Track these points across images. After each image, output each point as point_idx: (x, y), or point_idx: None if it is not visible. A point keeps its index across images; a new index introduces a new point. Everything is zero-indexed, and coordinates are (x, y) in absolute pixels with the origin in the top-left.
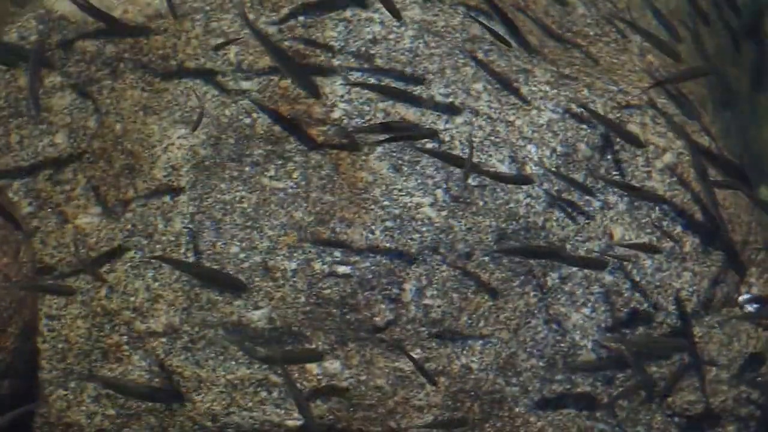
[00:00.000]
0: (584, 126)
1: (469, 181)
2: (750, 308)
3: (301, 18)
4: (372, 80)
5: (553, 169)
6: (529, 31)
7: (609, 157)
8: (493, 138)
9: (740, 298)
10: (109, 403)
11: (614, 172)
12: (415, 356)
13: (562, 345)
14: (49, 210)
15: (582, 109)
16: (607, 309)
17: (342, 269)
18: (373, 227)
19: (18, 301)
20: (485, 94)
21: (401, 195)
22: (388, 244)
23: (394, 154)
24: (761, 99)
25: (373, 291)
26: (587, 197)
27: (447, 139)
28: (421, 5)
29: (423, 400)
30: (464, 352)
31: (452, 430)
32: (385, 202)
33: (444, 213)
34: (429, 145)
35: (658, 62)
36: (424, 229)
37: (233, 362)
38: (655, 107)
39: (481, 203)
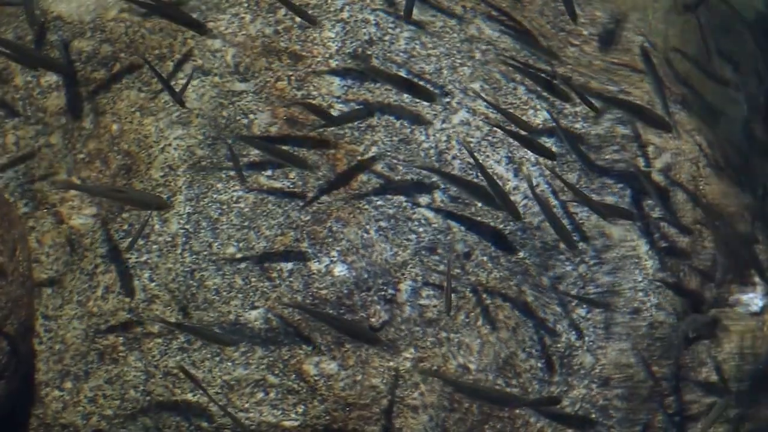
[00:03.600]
0: (579, 126)
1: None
2: (755, 307)
3: (298, 19)
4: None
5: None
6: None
7: (606, 156)
8: (490, 138)
9: (744, 297)
10: (105, 403)
11: (611, 172)
12: (409, 356)
13: (558, 345)
14: (45, 210)
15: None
16: (604, 309)
17: (338, 269)
18: (367, 227)
19: (14, 301)
20: (483, 93)
21: (396, 194)
22: (383, 244)
23: (389, 153)
24: None
25: (369, 291)
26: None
27: (444, 139)
28: (418, 6)
29: (418, 399)
30: (461, 351)
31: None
32: (379, 202)
33: (442, 214)
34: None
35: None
36: (420, 229)
37: (229, 363)
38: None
39: (479, 203)
